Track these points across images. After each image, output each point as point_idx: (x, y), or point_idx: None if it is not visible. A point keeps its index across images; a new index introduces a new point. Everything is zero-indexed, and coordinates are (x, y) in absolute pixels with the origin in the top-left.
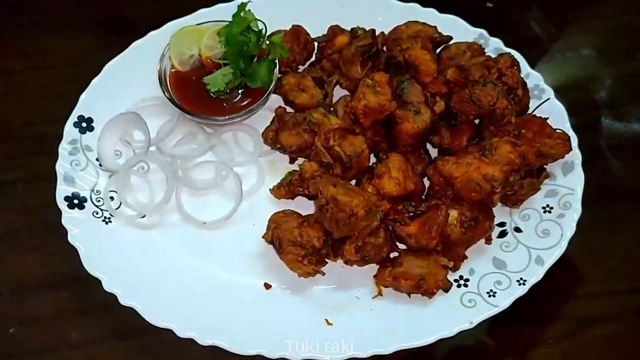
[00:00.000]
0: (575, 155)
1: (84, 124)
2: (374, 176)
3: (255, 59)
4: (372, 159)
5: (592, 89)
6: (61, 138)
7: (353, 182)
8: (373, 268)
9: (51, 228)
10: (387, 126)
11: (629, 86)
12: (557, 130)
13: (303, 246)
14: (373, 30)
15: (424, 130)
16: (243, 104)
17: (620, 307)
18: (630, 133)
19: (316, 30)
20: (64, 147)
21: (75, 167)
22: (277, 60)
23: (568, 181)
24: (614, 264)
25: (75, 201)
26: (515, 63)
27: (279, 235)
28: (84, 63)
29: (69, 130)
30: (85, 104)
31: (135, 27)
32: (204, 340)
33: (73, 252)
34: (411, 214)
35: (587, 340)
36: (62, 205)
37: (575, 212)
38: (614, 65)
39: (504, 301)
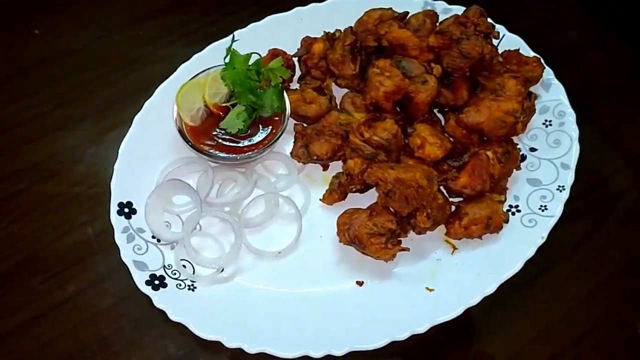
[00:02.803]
0: (547, 72)
1: (126, 210)
2: (412, 150)
3: (259, 90)
4: None
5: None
6: (101, 234)
7: None
8: (437, 233)
9: (135, 321)
10: (401, 104)
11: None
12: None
13: (382, 233)
14: (351, 27)
15: (436, 95)
16: (266, 134)
17: (633, 178)
18: (570, 41)
19: (288, 46)
20: (119, 237)
21: (138, 252)
22: (280, 85)
23: (552, 95)
24: (613, 146)
25: (156, 282)
26: (482, 13)
27: (356, 233)
28: (85, 159)
29: (116, 220)
30: (119, 190)
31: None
32: (339, 351)
33: (169, 332)
34: (456, 169)
35: (621, 216)
36: (146, 290)
37: (570, 115)
38: None
39: (556, 209)
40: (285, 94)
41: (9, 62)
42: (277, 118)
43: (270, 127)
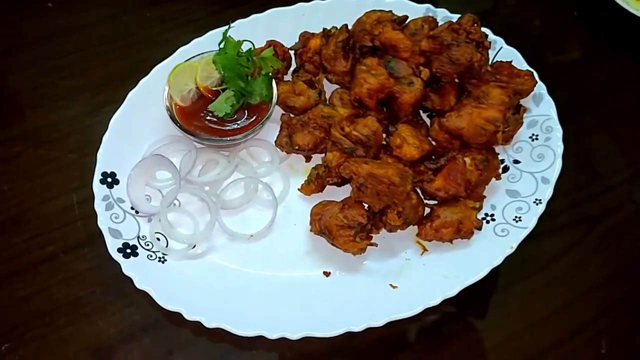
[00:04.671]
0: (540, 87)
1: (109, 179)
2: (391, 149)
3: (250, 77)
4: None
5: (527, 31)
6: (85, 201)
7: None
8: (410, 233)
9: (108, 286)
10: (386, 104)
11: (555, 24)
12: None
13: (351, 226)
14: (346, 25)
15: (421, 97)
16: (252, 120)
17: (617, 199)
18: (568, 56)
19: (287, 40)
20: (99, 205)
21: (115, 220)
22: (270, 74)
23: (542, 109)
24: (603, 163)
25: (128, 250)
26: (475, 21)
27: (326, 224)
28: (79, 130)
29: (97, 188)
30: (104, 161)
31: (117, 84)
32: (295, 335)
33: (138, 300)
34: (432, 171)
35: (602, 234)
36: (117, 257)
37: (557, 131)
38: (536, 9)
39: (530, 221)
40: (274, 83)
41: (21, 33)
42: (264, 106)
43: (256, 114)
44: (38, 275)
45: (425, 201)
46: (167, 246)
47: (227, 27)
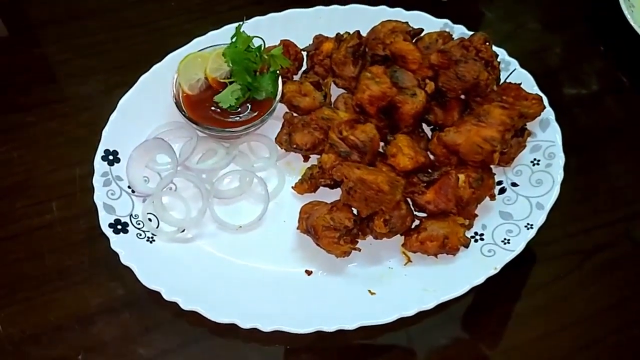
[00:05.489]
0: (548, 112)
1: (110, 157)
2: (387, 157)
3: (258, 73)
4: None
5: (546, 57)
6: (86, 176)
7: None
8: (397, 242)
9: (97, 259)
10: (388, 113)
11: (573, 52)
12: (530, 93)
13: (337, 228)
14: (358, 31)
15: (422, 109)
16: (254, 115)
17: (613, 235)
18: (585, 87)
19: (302, 41)
20: (97, 180)
21: (111, 197)
22: (278, 72)
23: (547, 135)
24: (602, 198)
25: (119, 227)
26: (487, 39)
27: (313, 224)
28: (91, 107)
29: (99, 164)
30: (108, 139)
31: (133, 67)
32: (267, 327)
33: (124, 275)
34: (425, 184)
35: (590, 269)
36: (108, 232)
37: (560, 159)
38: (558, 34)
39: (518, 245)
40: (280, 81)
41: (54, 10)
42: (268, 103)
43: (259, 110)
44: (33, 241)
45: (416, 213)
46: (157, 227)
47: (243, 22)
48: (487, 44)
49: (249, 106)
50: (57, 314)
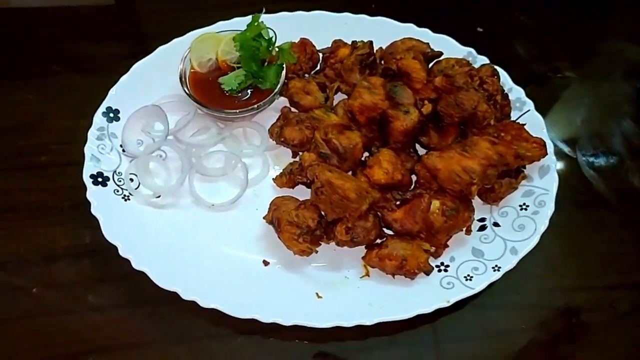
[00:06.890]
0: (550, 160)
1: (111, 114)
2: (366, 167)
3: (266, 64)
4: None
5: (571, 108)
6: (88, 128)
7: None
8: (360, 253)
9: (76, 206)
10: (381, 125)
11: (605, 108)
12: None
13: (299, 226)
14: (370, 42)
15: (413, 128)
16: (252, 102)
17: (596, 300)
18: (605, 149)
19: (322, 43)
20: (92, 133)
21: (101, 150)
22: (284, 65)
23: (544, 183)
24: (588, 260)
25: (99, 179)
26: (495, 73)
27: (278, 216)
28: (114, 68)
29: (98, 119)
30: (113, 98)
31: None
32: (205, 303)
33: (95, 226)
34: (398, 202)
35: (561, 329)
36: (88, 181)
37: (549, 209)
38: (591, 87)
39: (479, 285)
40: (283, 74)
41: None
42: (269, 93)
43: (259, 98)
44: (24, 177)
45: (386, 230)
46: (136, 188)
47: (262, 13)
48: (495, 77)
49: (249, 92)
50: (27, 246)
